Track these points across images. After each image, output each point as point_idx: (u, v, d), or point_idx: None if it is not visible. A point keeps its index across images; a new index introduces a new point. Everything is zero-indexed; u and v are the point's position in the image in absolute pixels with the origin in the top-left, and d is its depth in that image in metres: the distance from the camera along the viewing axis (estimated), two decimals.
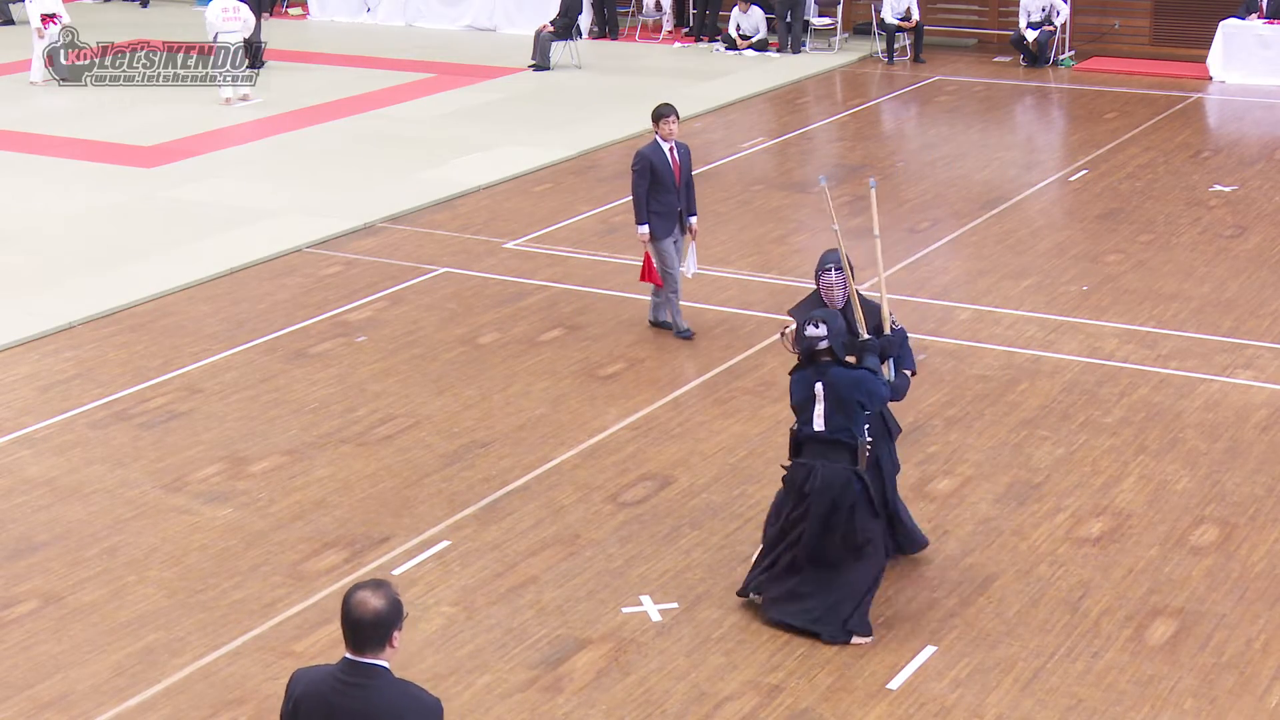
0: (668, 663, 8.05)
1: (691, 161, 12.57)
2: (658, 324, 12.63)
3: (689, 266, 12.62)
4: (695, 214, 12.58)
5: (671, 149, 12.30)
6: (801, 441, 8.21)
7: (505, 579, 8.92)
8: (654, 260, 12.31)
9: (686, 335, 12.40)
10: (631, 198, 12.45)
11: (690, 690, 7.82)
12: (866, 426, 8.19)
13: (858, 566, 8.16)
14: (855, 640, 8.14)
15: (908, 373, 8.68)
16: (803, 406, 8.18)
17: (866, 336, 8.49)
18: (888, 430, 8.79)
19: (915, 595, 8.63)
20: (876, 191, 9.04)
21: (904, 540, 8.90)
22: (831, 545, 8.11)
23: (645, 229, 12.31)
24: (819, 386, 8.09)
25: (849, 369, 8.12)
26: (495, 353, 12.32)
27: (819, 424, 8.08)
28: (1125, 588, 8.67)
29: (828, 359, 8.11)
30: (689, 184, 12.47)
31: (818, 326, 8.10)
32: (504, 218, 15.96)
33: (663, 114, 12.28)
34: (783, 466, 8.45)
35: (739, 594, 8.53)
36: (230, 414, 11.29)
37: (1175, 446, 10.40)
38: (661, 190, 12.26)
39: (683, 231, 12.49)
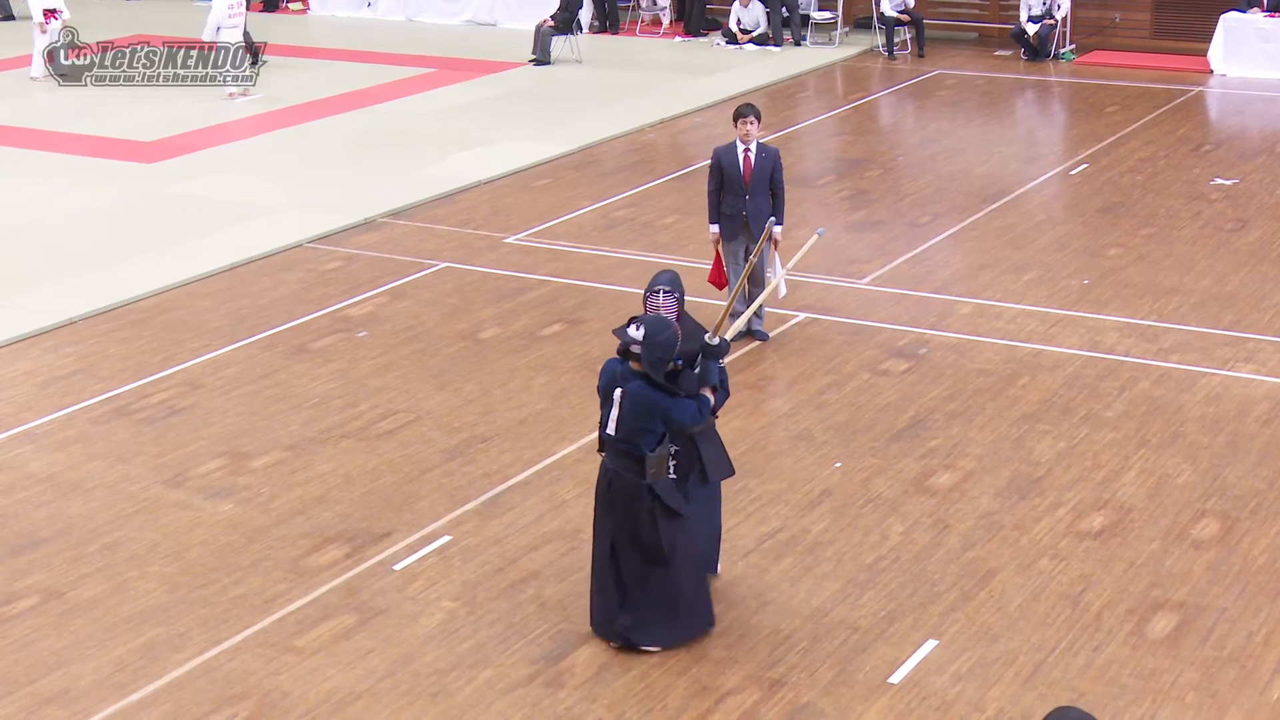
0: (669, 657, 8.05)
1: (780, 167, 11.96)
2: (752, 333, 12.14)
3: (774, 277, 11.82)
4: (780, 222, 11.95)
5: (747, 151, 11.83)
6: (602, 438, 8.03)
7: (506, 574, 8.92)
8: (723, 262, 12.00)
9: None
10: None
11: (692, 685, 7.82)
12: (675, 451, 8.02)
13: (664, 577, 7.95)
14: (648, 648, 8.03)
15: (709, 395, 8.05)
16: (603, 399, 7.97)
17: (716, 340, 8.09)
18: (703, 472, 8.20)
19: (916, 590, 8.63)
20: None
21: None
22: (637, 556, 7.94)
23: (714, 229, 12.00)
24: (618, 393, 7.85)
25: (654, 389, 7.78)
26: (496, 348, 12.32)
27: (611, 428, 7.88)
28: (1126, 582, 8.67)
29: (638, 367, 7.83)
30: (774, 189, 11.89)
31: (638, 329, 7.80)
32: (504, 213, 15.95)
33: (740, 114, 11.82)
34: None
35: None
36: (231, 409, 11.29)
37: (1176, 440, 10.40)
38: (728, 192, 11.88)
39: (752, 239, 11.84)
